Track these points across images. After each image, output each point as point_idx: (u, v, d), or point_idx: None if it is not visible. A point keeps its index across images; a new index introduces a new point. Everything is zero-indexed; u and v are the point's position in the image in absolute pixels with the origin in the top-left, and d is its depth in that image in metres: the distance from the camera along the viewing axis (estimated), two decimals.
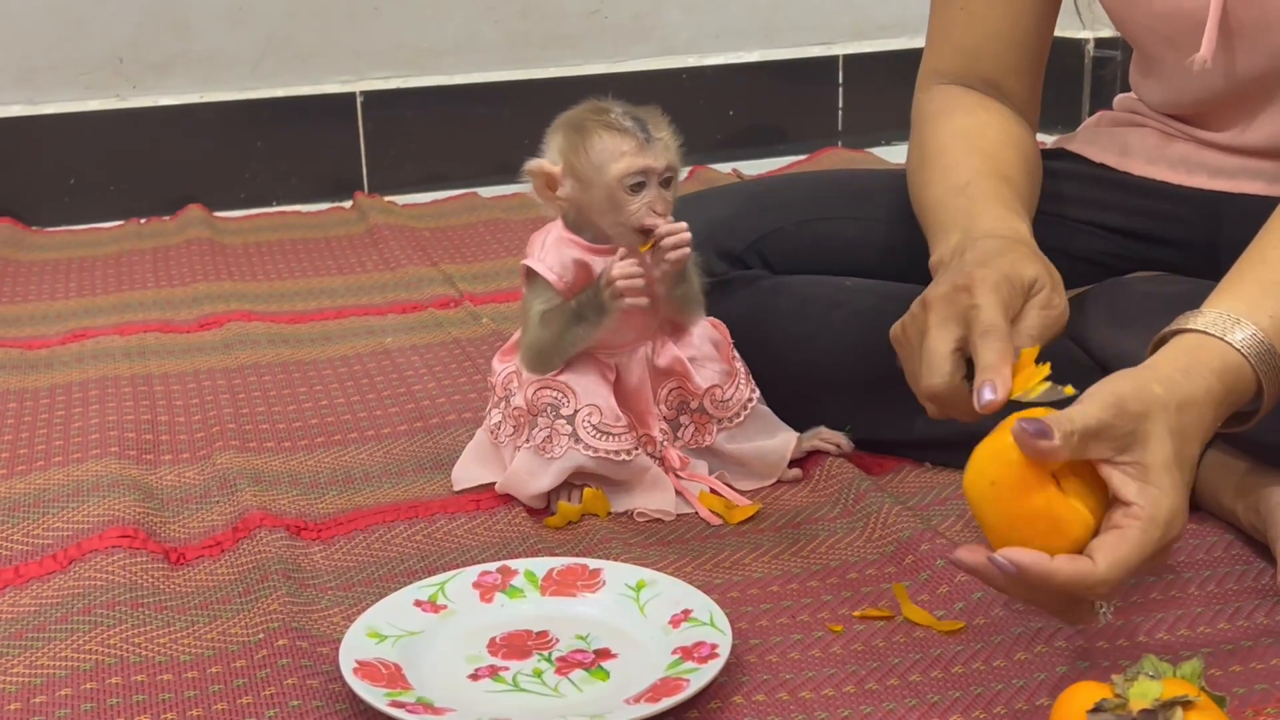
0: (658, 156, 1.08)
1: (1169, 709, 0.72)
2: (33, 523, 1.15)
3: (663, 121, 1.11)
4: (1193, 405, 0.82)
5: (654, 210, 1.08)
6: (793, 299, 1.24)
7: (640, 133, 1.08)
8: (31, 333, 1.67)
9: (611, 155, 1.08)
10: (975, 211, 1.03)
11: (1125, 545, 0.78)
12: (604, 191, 1.08)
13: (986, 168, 1.09)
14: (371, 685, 0.86)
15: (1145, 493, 0.79)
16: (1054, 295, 0.94)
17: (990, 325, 0.89)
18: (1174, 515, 0.79)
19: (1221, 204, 1.16)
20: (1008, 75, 1.19)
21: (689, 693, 0.85)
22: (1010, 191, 1.07)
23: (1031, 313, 0.92)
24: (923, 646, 0.94)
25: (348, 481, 1.23)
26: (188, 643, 0.97)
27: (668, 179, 1.09)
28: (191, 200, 2.23)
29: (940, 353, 0.91)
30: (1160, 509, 0.79)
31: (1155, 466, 0.79)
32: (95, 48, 2.23)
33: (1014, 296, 0.92)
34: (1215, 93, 1.12)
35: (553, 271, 1.11)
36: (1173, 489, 0.80)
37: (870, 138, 2.54)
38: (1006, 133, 1.14)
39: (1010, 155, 1.12)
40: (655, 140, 1.09)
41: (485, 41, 2.38)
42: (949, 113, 1.16)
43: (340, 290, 1.81)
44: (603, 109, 1.11)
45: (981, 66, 1.19)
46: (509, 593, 0.99)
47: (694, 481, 1.17)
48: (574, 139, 1.10)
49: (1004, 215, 1.03)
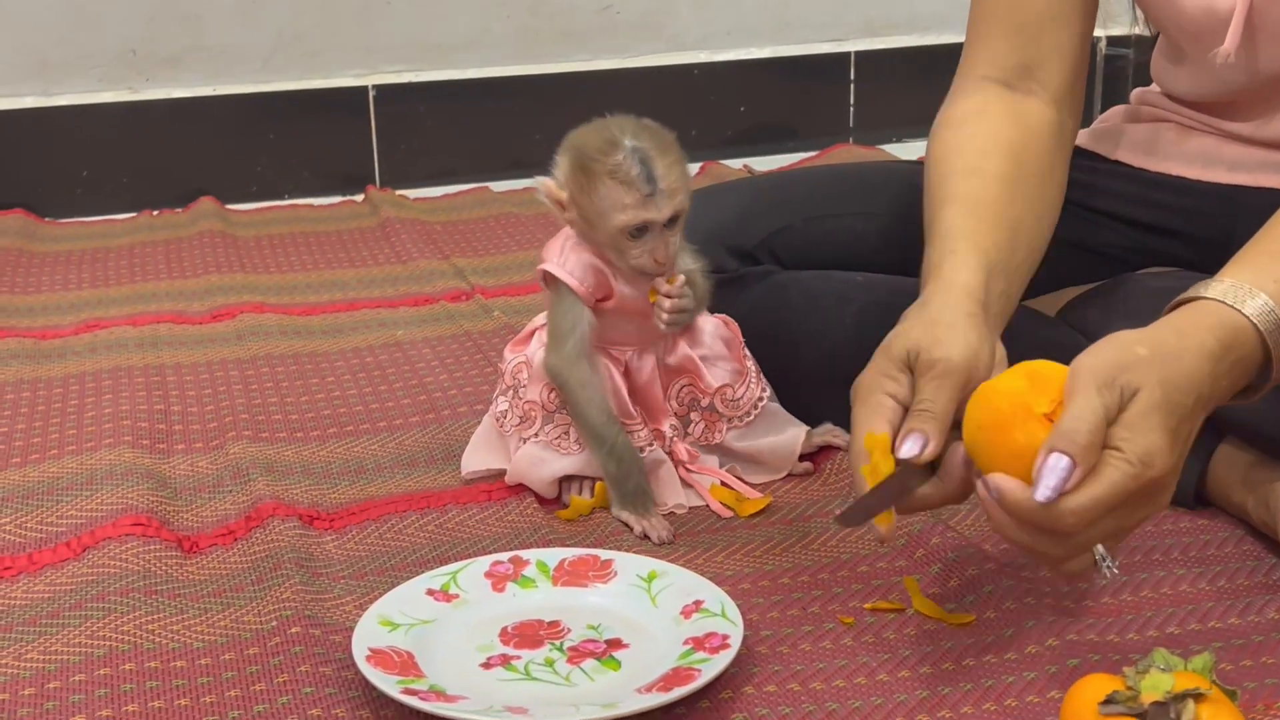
0: (661, 208, 1.06)
1: (1180, 701, 0.72)
2: (47, 510, 1.16)
3: (671, 150, 1.08)
4: (1183, 357, 0.82)
5: (655, 258, 1.07)
6: (803, 294, 1.24)
7: (645, 185, 1.05)
8: (45, 323, 1.68)
9: (615, 205, 1.06)
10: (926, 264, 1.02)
11: (1099, 480, 0.78)
12: (607, 235, 1.08)
13: (951, 193, 1.05)
14: (384, 673, 0.86)
15: (1124, 431, 0.79)
16: (933, 352, 0.90)
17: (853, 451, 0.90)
18: (1153, 453, 0.79)
19: (1238, 198, 1.16)
20: (1051, 55, 1.13)
21: (700, 683, 0.85)
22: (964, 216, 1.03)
23: (921, 383, 0.90)
24: (933, 639, 0.94)
25: (360, 472, 1.23)
26: (201, 630, 0.97)
27: (672, 221, 1.08)
28: (203, 193, 2.23)
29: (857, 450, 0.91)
30: (1137, 446, 0.79)
31: (1139, 410, 0.79)
32: (108, 40, 2.24)
33: (890, 385, 0.91)
34: (1238, 85, 1.12)
35: (574, 277, 1.10)
36: (1153, 429, 0.79)
37: (882, 135, 2.54)
38: (995, 140, 1.09)
39: (990, 166, 1.07)
40: (660, 192, 1.06)
41: (497, 36, 2.38)
42: (944, 125, 1.13)
43: (352, 283, 1.81)
44: (611, 145, 1.06)
45: (1020, 51, 1.14)
46: (521, 582, 1.00)
47: (704, 474, 1.17)
48: (580, 179, 1.08)
49: (938, 264, 1.00)
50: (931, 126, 1.16)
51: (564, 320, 1.11)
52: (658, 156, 1.06)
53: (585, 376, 1.11)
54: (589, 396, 1.11)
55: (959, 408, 0.89)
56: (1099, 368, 0.80)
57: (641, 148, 1.06)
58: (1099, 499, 0.78)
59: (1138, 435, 0.79)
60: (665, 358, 1.15)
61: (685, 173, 1.09)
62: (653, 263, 1.08)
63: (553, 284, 1.12)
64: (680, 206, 1.08)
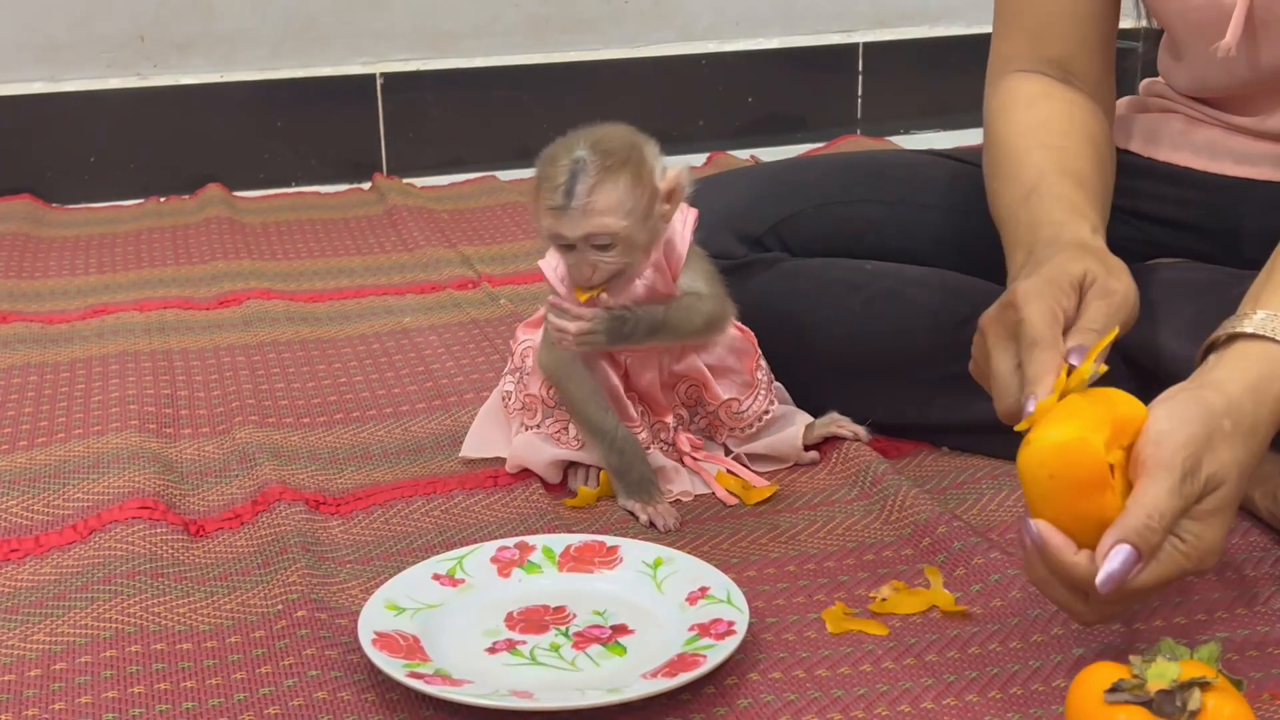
0: (572, 226, 1.02)
1: (1187, 690, 0.72)
2: (53, 494, 1.16)
3: (616, 173, 1.02)
4: (1257, 430, 0.81)
5: (581, 273, 1.05)
6: (811, 282, 1.24)
7: (560, 198, 1.01)
8: (52, 308, 1.68)
9: (539, 213, 1.05)
10: (1038, 222, 1.01)
11: (1155, 566, 0.79)
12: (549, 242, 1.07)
13: (1051, 164, 1.06)
14: (390, 656, 0.87)
15: (1194, 525, 0.79)
16: (1111, 281, 0.92)
17: (1035, 337, 0.87)
18: (1210, 553, 0.80)
19: (1245, 190, 1.16)
20: (1076, 54, 1.15)
21: (706, 668, 0.85)
22: (1074, 186, 1.04)
23: (1091, 305, 0.91)
24: (939, 627, 0.94)
25: (366, 457, 1.24)
26: (207, 613, 0.97)
27: (602, 243, 1.03)
28: (211, 180, 2.24)
29: (1004, 374, 0.90)
30: (1202, 543, 0.79)
31: (1214, 507, 0.80)
32: (117, 26, 2.24)
33: (1063, 298, 0.90)
34: (1241, 79, 1.12)
35: (561, 283, 1.10)
36: (1221, 526, 0.80)
37: (889, 126, 2.53)
38: (1072, 120, 1.11)
39: (1077, 145, 1.09)
40: (572, 209, 1.01)
41: (506, 25, 2.38)
42: (1012, 106, 1.13)
43: (359, 270, 1.81)
44: (562, 153, 1.03)
45: (1049, 47, 1.15)
46: (527, 568, 1.00)
47: (710, 463, 1.17)
48: (532, 182, 1.06)
49: (1064, 219, 1.01)
50: (989, 108, 1.15)
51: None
52: (594, 175, 1.01)
53: (578, 374, 1.11)
54: (583, 394, 1.11)
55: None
56: (1185, 445, 0.79)
57: (583, 161, 1.02)
58: (1148, 584, 0.79)
59: (1206, 532, 0.79)
60: (672, 365, 1.15)
61: (623, 199, 1.02)
62: (579, 276, 1.05)
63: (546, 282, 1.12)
64: (604, 229, 1.02)
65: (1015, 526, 1.08)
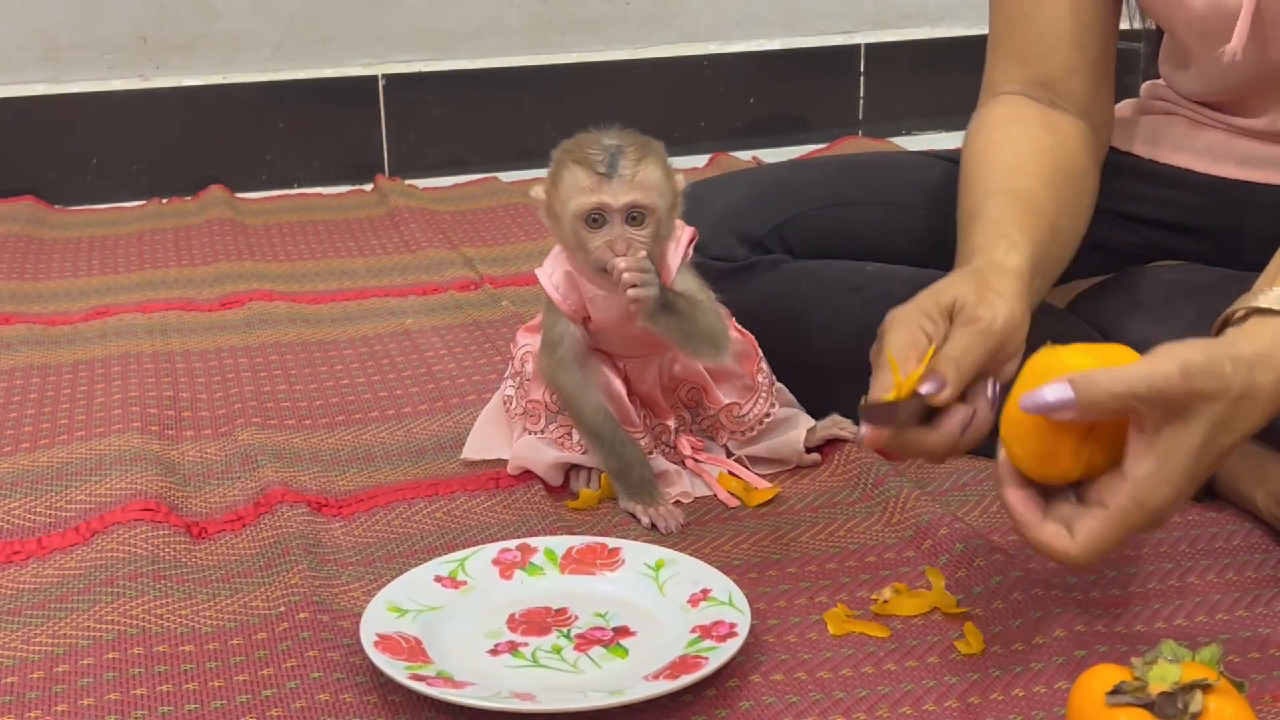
0: (616, 194, 1.02)
1: (1188, 692, 0.72)
2: (55, 495, 1.16)
3: (650, 154, 1.04)
4: (1252, 399, 0.79)
5: (613, 249, 1.03)
6: (813, 283, 1.24)
7: (602, 166, 1.03)
8: (54, 309, 1.68)
9: (571, 190, 1.04)
10: (971, 247, 1.03)
11: (1104, 528, 0.79)
12: (568, 226, 1.05)
13: (996, 187, 1.07)
14: (392, 658, 0.87)
15: (1148, 481, 0.78)
16: (978, 309, 0.92)
17: (878, 362, 0.90)
18: (1165, 507, 0.79)
19: (1247, 193, 1.16)
20: (1063, 76, 1.15)
21: (708, 670, 0.85)
22: (1011, 208, 1.04)
23: (954, 333, 0.91)
24: (941, 629, 0.94)
25: (368, 459, 1.24)
26: (209, 614, 0.97)
27: (637, 216, 1.04)
28: (213, 181, 2.24)
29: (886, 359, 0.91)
30: (1153, 497, 0.78)
31: (1176, 453, 0.78)
32: (119, 28, 2.24)
33: (925, 323, 0.91)
34: (1246, 83, 1.12)
35: (558, 291, 1.10)
36: (1178, 479, 0.78)
37: (891, 127, 2.53)
38: (1034, 141, 1.11)
39: (1030, 166, 1.08)
40: (618, 176, 1.02)
41: (507, 26, 2.38)
42: (980, 131, 1.14)
43: (361, 271, 1.81)
44: (589, 140, 1.05)
45: (1034, 70, 1.16)
46: (529, 570, 1.00)
47: (712, 464, 1.17)
48: (553, 172, 1.06)
49: (984, 245, 1.01)
50: (965, 134, 1.16)
51: (552, 330, 1.11)
52: (635, 153, 1.04)
53: (577, 380, 1.11)
54: (583, 399, 1.11)
55: (975, 369, 0.90)
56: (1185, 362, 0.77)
57: (617, 145, 1.04)
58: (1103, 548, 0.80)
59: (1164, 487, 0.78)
60: (672, 368, 1.15)
61: (662, 179, 1.05)
62: (610, 255, 1.03)
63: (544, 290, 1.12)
64: (645, 201, 1.03)
65: None
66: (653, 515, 1.09)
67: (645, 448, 1.13)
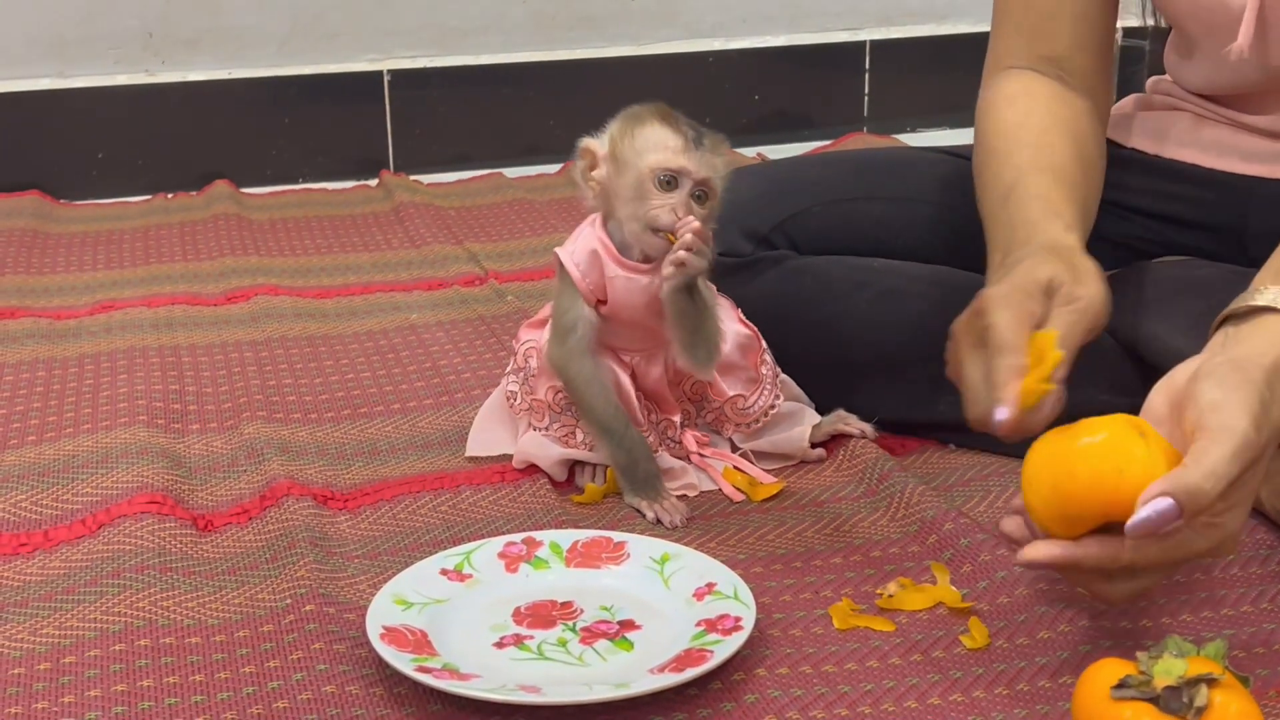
0: (698, 164, 1.05)
1: (1193, 686, 0.72)
2: (62, 488, 1.16)
3: (724, 144, 1.09)
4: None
5: (676, 213, 1.05)
6: (818, 279, 1.24)
7: (690, 132, 1.06)
8: (60, 303, 1.68)
9: (654, 145, 1.06)
10: (1014, 223, 1.02)
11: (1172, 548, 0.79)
12: (634, 178, 1.06)
13: (1029, 162, 1.07)
14: (398, 651, 0.87)
15: (1226, 514, 0.79)
16: (1076, 288, 0.92)
17: (1000, 344, 0.88)
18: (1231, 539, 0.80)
19: (1252, 189, 1.16)
20: (1072, 52, 1.15)
21: (713, 664, 0.85)
22: (1052, 183, 1.04)
23: (1056, 312, 0.91)
24: (946, 623, 0.94)
25: (374, 453, 1.24)
26: (216, 607, 0.98)
27: (701, 194, 1.06)
28: (218, 176, 2.24)
29: (974, 382, 0.90)
30: (1224, 529, 0.79)
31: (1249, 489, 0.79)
32: (125, 23, 2.24)
33: (1029, 303, 0.90)
34: (1252, 79, 1.12)
35: (578, 268, 1.10)
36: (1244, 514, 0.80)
37: (896, 124, 2.53)
38: (1055, 116, 1.11)
39: (1057, 140, 1.09)
40: (704, 149, 1.06)
41: (512, 22, 2.38)
42: (996, 105, 1.14)
43: (366, 266, 1.82)
44: (668, 110, 1.08)
45: (1045, 45, 1.15)
46: (534, 563, 1.00)
47: (717, 459, 1.17)
48: (628, 125, 1.08)
49: (1038, 219, 1.01)
50: (978, 108, 1.16)
51: (566, 315, 1.11)
52: (709, 135, 1.08)
53: (588, 371, 1.10)
54: (593, 391, 1.10)
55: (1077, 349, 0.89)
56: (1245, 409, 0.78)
57: (694, 124, 1.08)
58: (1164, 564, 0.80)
59: (1238, 516, 0.79)
60: (676, 361, 1.15)
61: (726, 166, 1.08)
62: (672, 216, 1.05)
63: (561, 271, 1.12)
64: (714, 182, 1.07)
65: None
66: (658, 510, 1.09)
67: (651, 444, 1.13)
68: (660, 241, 1.06)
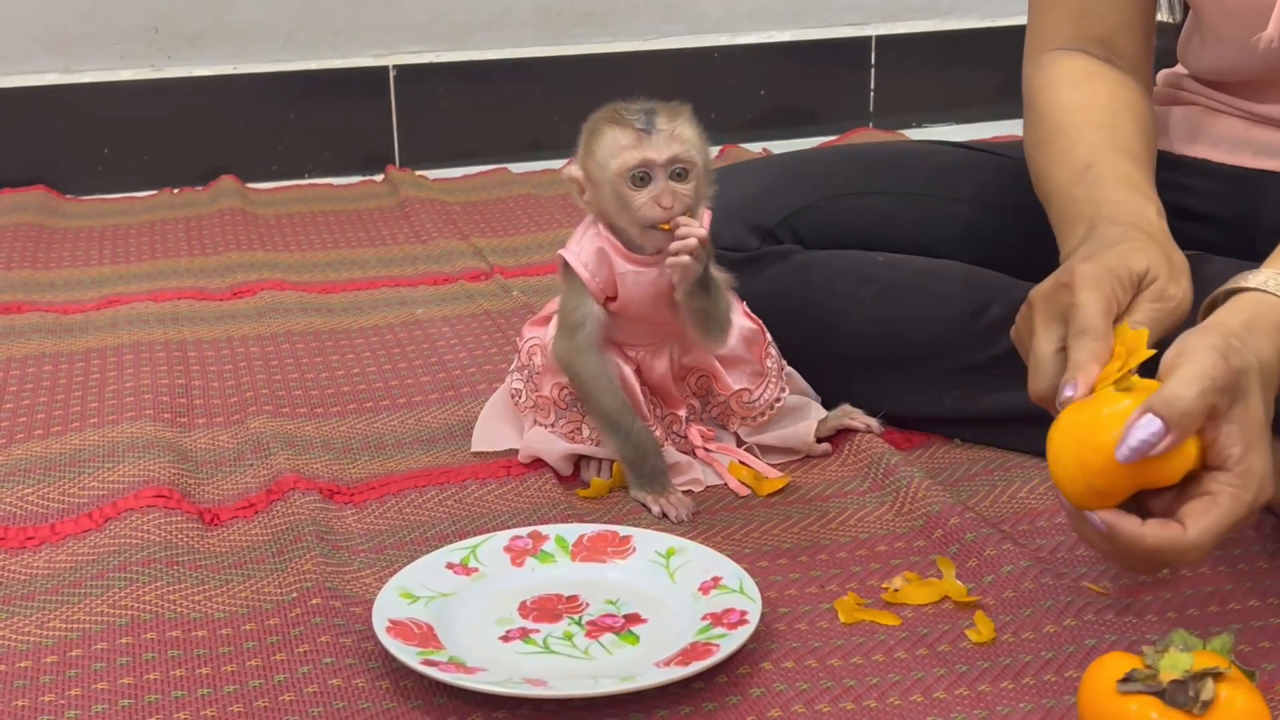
0: (659, 148, 1.04)
1: (1199, 680, 0.72)
2: (69, 482, 1.17)
3: (682, 114, 1.06)
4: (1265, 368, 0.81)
5: (660, 204, 1.04)
6: (823, 274, 1.24)
7: (640, 124, 1.04)
8: (66, 298, 1.68)
9: (611, 151, 1.05)
10: (1098, 199, 1.00)
11: (1216, 511, 0.78)
12: (610, 190, 1.06)
13: (1105, 144, 1.05)
14: (404, 644, 0.87)
15: (1245, 457, 0.78)
16: (1169, 286, 0.90)
17: (1085, 325, 0.85)
18: (1265, 480, 0.79)
19: (1262, 183, 1.16)
20: (1119, 33, 1.14)
21: (719, 657, 0.86)
22: (1133, 167, 1.03)
23: (1141, 306, 0.89)
24: (952, 618, 0.94)
25: (379, 447, 1.24)
26: (222, 600, 0.98)
27: (680, 171, 1.05)
28: (224, 171, 2.24)
29: (1044, 355, 0.88)
30: (1254, 475, 0.78)
31: (1255, 426, 0.78)
32: (130, 18, 2.24)
33: (1119, 290, 0.88)
34: (1272, 67, 1.11)
35: (586, 268, 1.10)
36: (1267, 453, 0.79)
37: (902, 119, 2.53)
38: (1119, 99, 1.09)
39: (1127, 124, 1.08)
40: (658, 132, 1.04)
41: (517, 17, 2.38)
42: (1057, 84, 1.12)
43: (371, 261, 1.82)
44: (617, 106, 1.07)
45: (1093, 25, 1.14)
46: (540, 557, 1.00)
47: (722, 454, 1.17)
48: (586, 141, 1.07)
49: (1128, 199, 0.99)
50: (1032, 85, 1.14)
51: (574, 312, 1.11)
52: (664, 112, 1.05)
53: (595, 366, 1.10)
54: (600, 385, 1.10)
55: None
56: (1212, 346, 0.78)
57: (649, 105, 1.06)
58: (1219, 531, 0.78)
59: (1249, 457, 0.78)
60: (682, 356, 1.15)
61: (697, 136, 1.06)
62: (659, 209, 1.04)
63: (567, 271, 1.12)
64: (684, 155, 1.05)
65: (1027, 518, 1.08)
66: (663, 504, 1.09)
67: (658, 440, 1.13)
68: (661, 235, 1.06)
